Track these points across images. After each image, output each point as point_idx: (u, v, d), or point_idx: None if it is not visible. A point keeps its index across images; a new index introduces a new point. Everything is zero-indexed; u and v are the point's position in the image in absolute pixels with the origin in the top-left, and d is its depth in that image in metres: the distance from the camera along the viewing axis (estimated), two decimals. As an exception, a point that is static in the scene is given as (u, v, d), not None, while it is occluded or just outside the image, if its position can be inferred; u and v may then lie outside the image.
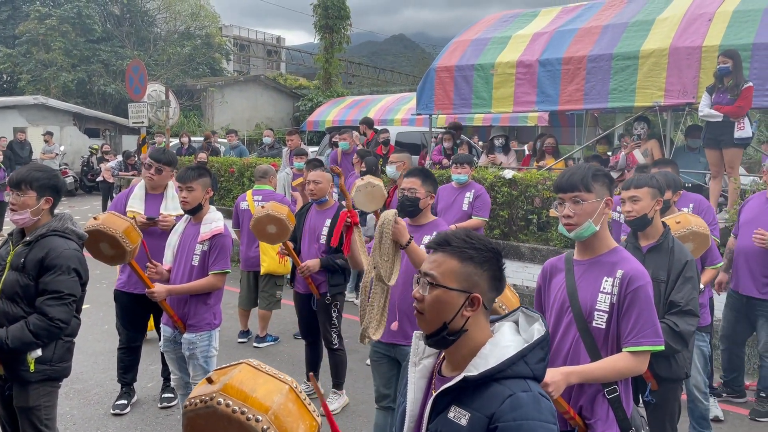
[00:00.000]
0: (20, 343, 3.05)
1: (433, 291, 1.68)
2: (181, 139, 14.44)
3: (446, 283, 1.68)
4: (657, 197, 3.33)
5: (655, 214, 3.35)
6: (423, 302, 1.70)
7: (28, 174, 3.21)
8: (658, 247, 3.29)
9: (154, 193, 4.90)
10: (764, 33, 7.03)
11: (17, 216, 3.19)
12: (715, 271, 4.46)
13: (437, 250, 1.73)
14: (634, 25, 8.11)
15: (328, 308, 4.93)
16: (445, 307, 1.68)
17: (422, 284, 1.71)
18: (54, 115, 22.06)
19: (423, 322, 1.72)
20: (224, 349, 6.16)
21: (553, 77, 8.39)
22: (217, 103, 26.43)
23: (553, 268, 2.74)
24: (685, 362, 3.25)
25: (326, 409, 1.71)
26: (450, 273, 1.68)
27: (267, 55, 45.82)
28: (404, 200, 3.66)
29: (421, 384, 1.81)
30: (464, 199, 6.07)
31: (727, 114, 6.30)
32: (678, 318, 3.04)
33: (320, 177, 4.95)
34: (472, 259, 1.70)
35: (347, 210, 4.35)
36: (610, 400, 2.53)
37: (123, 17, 30.22)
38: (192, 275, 3.99)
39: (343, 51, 27.95)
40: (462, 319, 1.68)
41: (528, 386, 1.62)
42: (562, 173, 2.65)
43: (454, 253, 1.70)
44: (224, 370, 1.50)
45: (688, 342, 3.08)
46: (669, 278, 3.16)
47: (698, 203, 4.85)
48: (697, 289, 3.17)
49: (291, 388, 1.46)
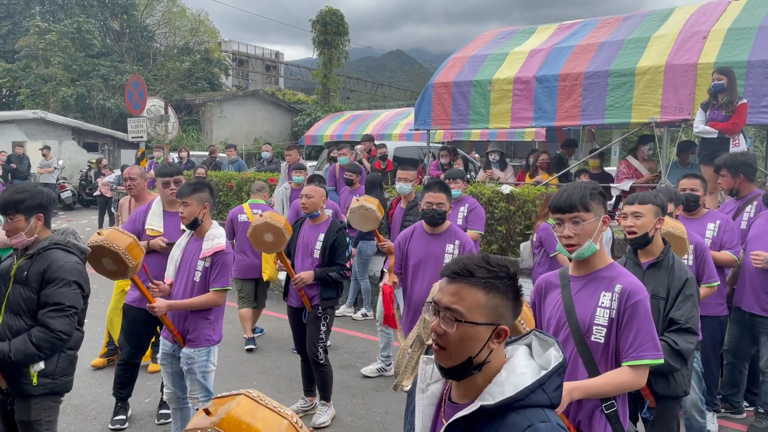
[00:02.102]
0: (23, 356, 3.06)
1: (460, 327, 1.56)
2: (179, 154, 14.48)
3: (473, 319, 1.56)
4: (659, 215, 3.35)
5: (656, 232, 3.35)
6: (446, 337, 1.58)
7: (11, 198, 3.21)
8: (658, 264, 3.28)
9: (172, 210, 4.93)
10: (759, 50, 7.11)
11: (14, 240, 3.24)
12: (710, 289, 4.37)
13: (457, 280, 1.60)
14: (630, 42, 8.20)
15: (317, 321, 4.94)
16: (471, 342, 1.57)
17: (445, 319, 1.58)
18: (53, 130, 22.12)
19: (445, 357, 1.60)
20: (226, 365, 6.16)
21: (550, 93, 8.45)
22: (215, 118, 26.54)
23: (547, 284, 2.74)
24: (684, 380, 3.24)
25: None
26: (476, 307, 1.57)
27: (266, 70, 46.07)
28: (434, 214, 4.31)
29: (429, 411, 1.71)
30: (458, 213, 6.09)
31: (722, 131, 6.35)
32: (677, 336, 3.03)
33: (313, 192, 5.00)
34: (498, 290, 1.59)
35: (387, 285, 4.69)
36: (608, 415, 2.54)
37: (122, 32, 30.41)
38: (193, 291, 4.01)
39: (341, 66, 28.15)
40: (487, 351, 1.58)
41: (546, 416, 1.54)
42: (558, 192, 2.64)
43: (478, 284, 1.58)
44: (223, 399, 1.43)
45: (688, 360, 3.08)
46: (669, 295, 3.15)
47: (724, 223, 4.79)
48: (697, 306, 3.15)
49: (290, 423, 1.40)
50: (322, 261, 4.92)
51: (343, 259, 4.96)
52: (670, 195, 4.36)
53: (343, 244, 4.97)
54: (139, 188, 5.61)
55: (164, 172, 4.95)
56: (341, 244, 4.95)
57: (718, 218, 4.84)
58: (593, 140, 11.56)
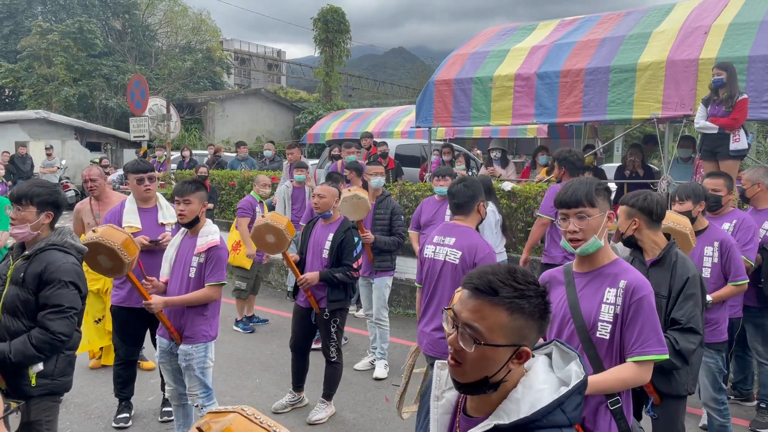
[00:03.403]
0: (23, 357, 3.07)
1: (479, 348, 1.46)
2: (182, 153, 14.50)
3: (493, 341, 1.46)
4: (634, 216, 3.28)
5: (635, 231, 3.31)
6: (463, 354, 1.49)
7: (29, 189, 3.24)
8: (660, 262, 3.25)
9: (146, 206, 4.89)
10: (760, 45, 7.09)
11: (17, 230, 3.21)
12: (737, 288, 4.20)
13: (479, 297, 1.47)
14: (631, 38, 8.18)
15: (327, 324, 4.94)
16: (489, 363, 1.47)
17: (463, 336, 1.48)
18: (56, 130, 22.16)
19: (459, 373, 1.51)
20: (227, 362, 6.18)
21: (551, 90, 8.44)
22: (218, 117, 26.57)
23: (551, 281, 2.74)
24: (686, 379, 3.20)
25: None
26: (498, 328, 1.45)
27: (267, 68, 46.09)
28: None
29: (444, 420, 1.64)
30: (446, 210, 6.06)
31: (722, 126, 6.33)
32: (679, 335, 3.01)
33: (325, 191, 4.97)
34: (523, 311, 1.46)
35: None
36: (612, 411, 2.54)
37: (124, 32, 30.46)
38: (189, 287, 4.02)
39: (343, 64, 28.16)
40: (505, 371, 1.49)
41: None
42: (564, 188, 2.64)
43: (502, 304, 1.46)
44: (216, 416, 1.39)
45: (688, 359, 3.04)
46: (670, 294, 3.13)
47: (740, 221, 4.66)
48: (699, 305, 3.09)
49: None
50: (331, 261, 4.90)
51: (350, 259, 4.90)
52: (688, 192, 4.23)
53: (351, 244, 4.91)
54: (101, 189, 5.60)
55: (138, 168, 4.84)
56: (349, 244, 4.90)
57: (736, 217, 4.71)
58: (596, 137, 11.54)
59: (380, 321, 6.12)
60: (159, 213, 4.89)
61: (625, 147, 13.91)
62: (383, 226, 6.17)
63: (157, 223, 4.84)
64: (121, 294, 4.84)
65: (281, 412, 5.12)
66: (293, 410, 5.18)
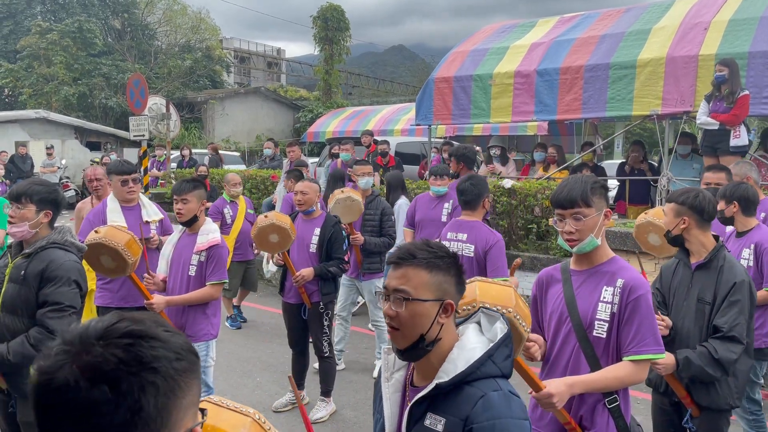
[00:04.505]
0: (21, 358, 3.05)
1: (409, 305, 1.69)
2: (182, 152, 14.49)
3: (420, 296, 1.70)
4: (683, 215, 3.11)
5: (683, 231, 3.13)
6: (398, 318, 1.71)
7: (28, 187, 3.23)
8: (706, 265, 3.08)
9: (129, 205, 4.78)
10: (760, 41, 7.08)
11: (15, 228, 3.19)
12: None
13: (401, 264, 1.74)
14: (630, 34, 8.17)
15: (320, 317, 4.95)
16: (421, 319, 1.70)
17: (395, 301, 1.71)
18: (55, 129, 22.15)
19: (399, 338, 1.73)
20: (228, 361, 6.18)
21: (550, 87, 8.44)
22: (217, 116, 26.56)
23: (549, 278, 2.73)
24: (729, 391, 3.03)
25: (303, 414, 1.84)
26: (422, 285, 1.71)
27: (267, 67, 46.04)
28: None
29: (395, 398, 1.83)
30: (442, 209, 5.96)
31: (723, 122, 6.33)
32: (719, 344, 2.89)
33: (307, 188, 4.99)
34: (440, 268, 1.73)
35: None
36: (610, 409, 2.53)
37: (124, 31, 30.45)
38: (189, 285, 4.02)
39: (342, 62, 28.11)
40: (437, 326, 1.71)
41: (498, 385, 1.67)
42: (559, 187, 2.59)
43: (421, 264, 1.72)
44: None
45: (728, 370, 2.91)
46: (715, 300, 2.98)
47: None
48: (745, 313, 2.93)
49: (253, 420, 1.41)
50: (320, 256, 4.93)
51: (341, 252, 4.98)
52: (723, 192, 4.00)
53: (341, 238, 4.99)
54: (105, 188, 5.50)
55: (122, 170, 4.76)
56: (338, 238, 4.97)
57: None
58: (596, 133, 11.53)
59: (376, 323, 6.08)
60: (143, 211, 4.83)
61: (625, 144, 13.90)
62: (373, 227, 6.04)
63: (141, 221, 4.75)
64: (106, 295, 4.67)
65: (282, 411, 5.12)
66: (294, 408, 5.18)
